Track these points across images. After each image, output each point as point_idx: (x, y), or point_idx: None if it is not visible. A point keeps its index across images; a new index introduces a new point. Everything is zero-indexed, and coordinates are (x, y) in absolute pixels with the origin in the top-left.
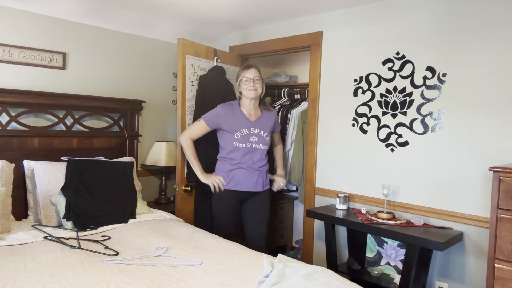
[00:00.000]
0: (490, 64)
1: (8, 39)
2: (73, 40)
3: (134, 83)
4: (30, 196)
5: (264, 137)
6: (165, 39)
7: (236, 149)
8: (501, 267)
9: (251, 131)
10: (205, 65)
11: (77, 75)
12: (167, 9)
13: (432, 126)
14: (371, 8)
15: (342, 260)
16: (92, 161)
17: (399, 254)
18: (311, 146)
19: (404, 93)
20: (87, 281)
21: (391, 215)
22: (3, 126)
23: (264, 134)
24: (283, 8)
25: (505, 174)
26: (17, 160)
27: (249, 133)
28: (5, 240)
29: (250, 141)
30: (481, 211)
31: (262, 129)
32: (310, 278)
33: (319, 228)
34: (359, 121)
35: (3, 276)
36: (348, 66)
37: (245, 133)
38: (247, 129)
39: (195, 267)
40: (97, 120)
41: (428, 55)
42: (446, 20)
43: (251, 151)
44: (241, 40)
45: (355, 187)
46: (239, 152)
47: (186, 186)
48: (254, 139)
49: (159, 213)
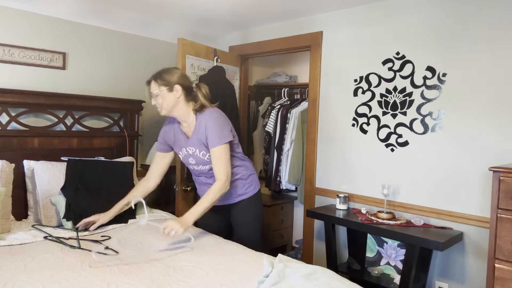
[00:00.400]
0: (490, 64)
1: (8, 39)
2: (73, 40)
3: (134, 83)
4: (30, 196)
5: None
6: (165, 39)
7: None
8: (501, 267)
9: (188, 151)
10: (205, 65)
11: (77, 75)
12: (167, 9)
13: (432, 126)
14: (371, 8)
15: (342, 260)
16: (92, 161)
17: (399, 254)
18: (311, 146)
19: (404, 93)
20: (87, 281)
21: (391, 215)
22: (3, 126)
23: (199, 154)
24: (283, 8)
25: (505, 174)
26: (17, 160)
27: (187, 153)
28: (5, 240)
29: (190, 163)
30: (481, 211)
31: (197, 147)
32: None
33: (319, 228)
34: (359, 121)
35: (3, 276)
36: (348, 66)
37: (184, 153)
38: (185, 149)
39: (195, 267)
40: (97, 120)
41: (428, 55)
42: (446, 20)
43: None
44: (241, 40)
45: (355, 187)
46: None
47: (186, 186)
48: (192, 161)
49: (159, 213)
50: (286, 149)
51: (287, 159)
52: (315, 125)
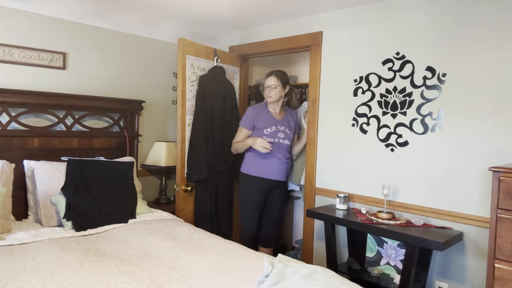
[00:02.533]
0: (490, 64)
1: (8, 39)
2: (73, 40)
3: (134, 83)
4: (30, 196)
5: (289, 134)
6: (165, 39)
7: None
8: (501, 267)
9: (278, 128)
10: (205, 65)
11: (77, 75)
12: (167, 9)
13: (432, 126)
14: (371, 8)
15: (342, 260)
16: (92, 161)
17: (399, 254)
18: (311, 146)
19: (404, 93)
20: (87, 281)
21: (391, 215)
22: (3, 126)
23: (289, 132)
24: (283, 8)
25: (505, 174)
26: (17, 160)
27: (277, 129)
28: (5, 240)
29: (278, 137)
30: (481, 211)
31: (287, 127)
32: (310, 278)
33: (319, 228)
34: (359, 121)
35: (3, 276)
36: (348, 66)
37: (274, 129)
38: (275, 126)
39: (195, 267)
40: (97, 120)
41: (428, 55)
42: (446, 20)
43: (278, 145)
44: (241, 40)
45: (355, 187)
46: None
47: (186, 186)
48: (281, 135)
49: (159, 213)
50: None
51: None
52: (315, 125)
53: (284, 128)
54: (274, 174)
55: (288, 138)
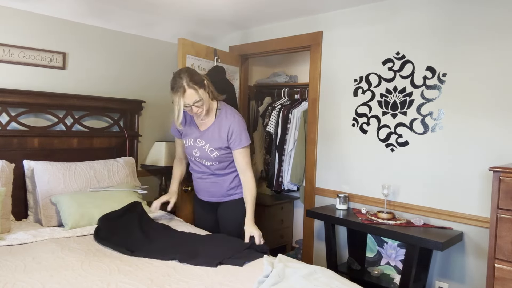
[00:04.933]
0: (490, 64)
1: (8, 39)
2: (73, 40)
3: (134, 83)
4: (30, 196)
5: (208, 152)
6: (165, 39)
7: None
8: (501, 267)
9: (195, 143)
10: (205, 65)
11: (77, 75)
12: (167, 9)
13: (432, 126)
14: (371, 8)
15: (342, 260)
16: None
17: (399, 254)
18: (311, 146)
19: (404, 93)
20: (87, 281)
21: (391, 215)
22: (3, 126)
23: (208, 149)
24: (283, 8)
25: (505, 174)
26: (17, 160)
27: (194, 145)
28: (5, 240)
29: (193, 154)
30: (481, 211)
31: (208, 142)
32: (310, 278)
33: (319, 228)
34: (359, 121)
35: (3, 276)
36: (348, 66)
37: (190, 143)
38: (193, 139)
39: (195, 267)
40: (97, 120)
41: (428, 55)
42: (446, 20)
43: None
44: (241, 40)
45: (355, 187)
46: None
47: (186, 186)
48: (196, 153)
49: (159, 212)
50: (289, 149)
51: (289, 159)
52: (315, 125)
53: (204, 143)
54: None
55: (206, 157)
